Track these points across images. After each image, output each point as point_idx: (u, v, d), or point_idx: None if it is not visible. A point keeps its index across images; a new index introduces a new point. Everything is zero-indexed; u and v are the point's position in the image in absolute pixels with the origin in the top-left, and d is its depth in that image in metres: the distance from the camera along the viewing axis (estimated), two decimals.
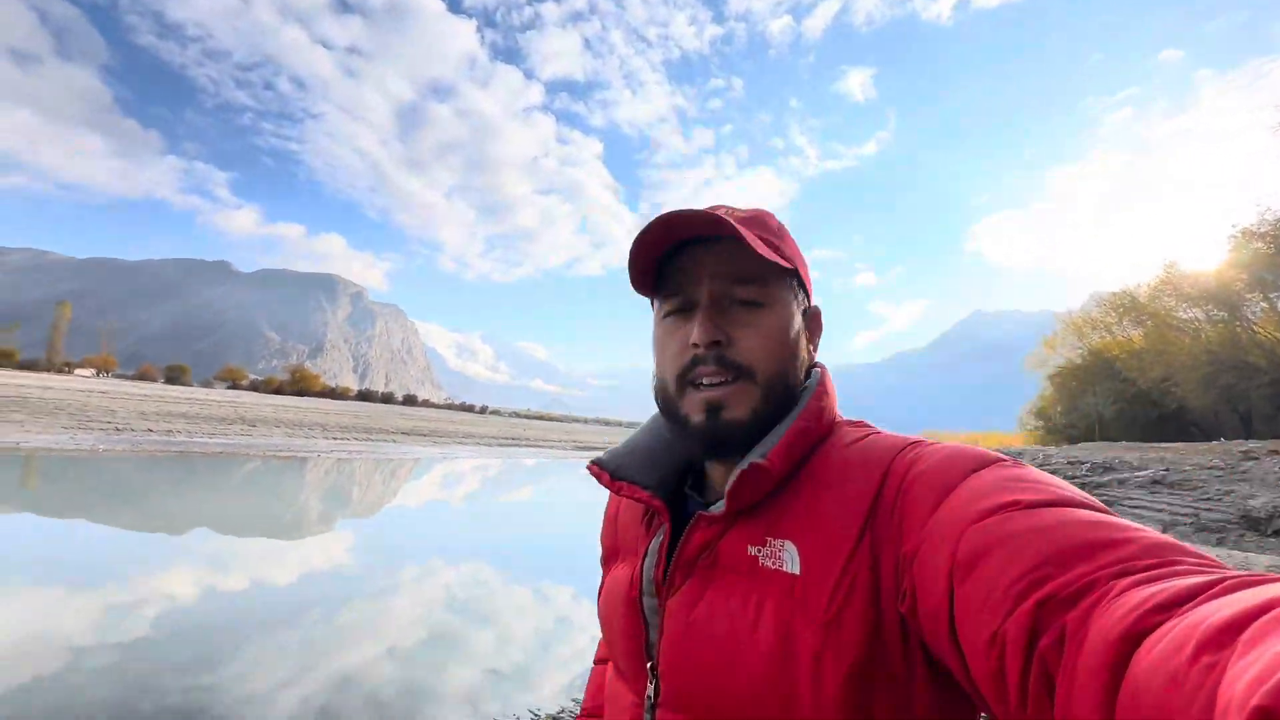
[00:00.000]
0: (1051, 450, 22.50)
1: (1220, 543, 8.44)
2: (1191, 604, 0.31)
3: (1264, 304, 28.09)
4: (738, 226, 0.57)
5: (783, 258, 0.61)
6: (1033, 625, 0.36)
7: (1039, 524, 0.40)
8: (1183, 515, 9.88)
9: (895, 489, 0.50)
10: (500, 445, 32.21)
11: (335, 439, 24.60)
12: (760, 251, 0.57)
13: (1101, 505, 0.42)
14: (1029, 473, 0.46)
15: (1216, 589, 0.31)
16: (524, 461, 25.13)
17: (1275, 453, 13.84)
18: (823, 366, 0.69)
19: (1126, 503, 11.83)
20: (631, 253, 0.62)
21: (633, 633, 0.62)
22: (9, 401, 21.50)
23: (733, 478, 0.56)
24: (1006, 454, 0.55)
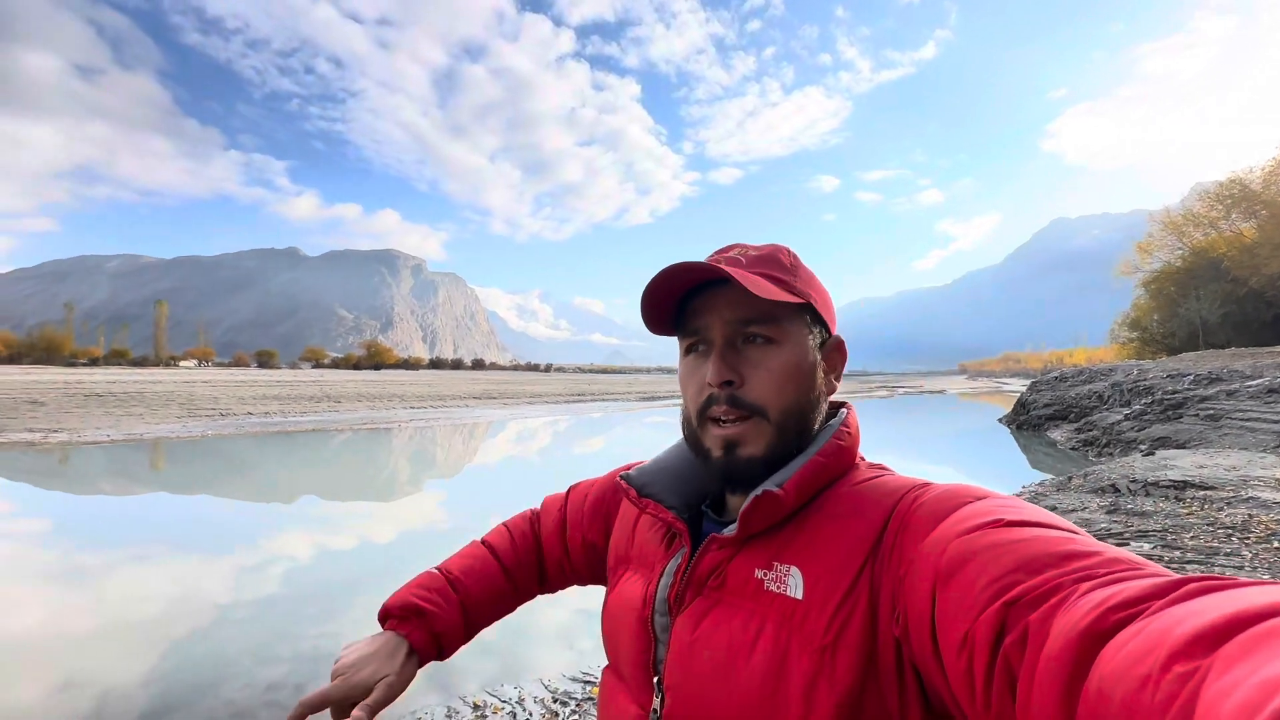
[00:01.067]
0: (1148, 364, 20.94)
1: None
2: (1155, 604, 0.32)
3: None
4: (744, 271, 0.61)
5: (794, 294, 0.63)
6: (999, 625, 0.38)
7: (1017, 537, 0.43)
8: None
9: (898, 524, 0.52)
10: (566, 401, 33.16)
11: (413, 408, 26.02)
12: (763, 294, 0.59)
13: (1077, 529, 0.44)
14: (1022, 503, 0.49)
15: (1179, 592, 0.32)
16: (591, 415, 25.84)
17: None
18: (850, 406, 0.70)
19: (1236, 415, 10.93)
20: (643, 302, 0.65)
21: (641, 647, 0.65)
22: (130, 396, 23.86)
23: (746, 503, 0.58)
24: (1097, 369, 0.55)
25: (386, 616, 0.78)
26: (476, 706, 3.30)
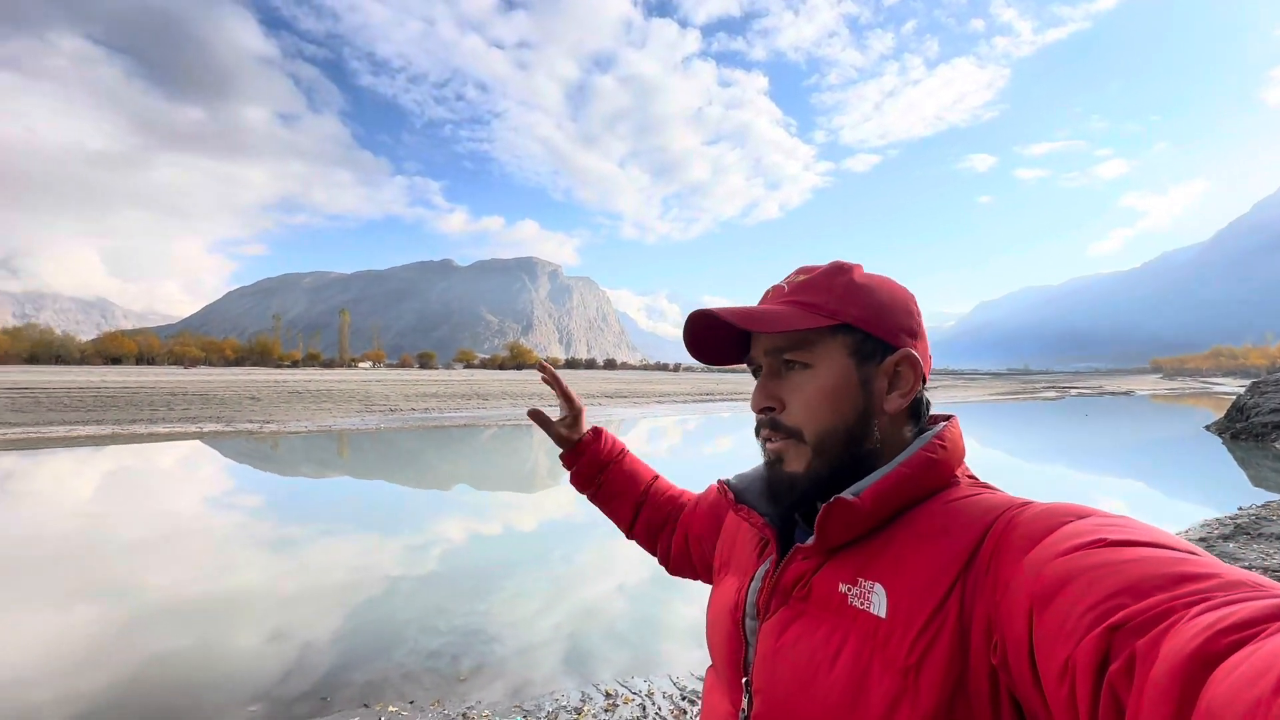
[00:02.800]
0: None
1: None
2: (1273, 626, 0.30)
3: None
4: (769, 305, 0.66)
5: (827, 316, 0.64)
6: (1104, 651, 0.36)
7: (1121, 558, 0.40)
8: None
9: (993, 545, 0.50)
10: (695, 401, 33.27)
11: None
12: (778, 328, 0.62)
13: (1195, 548, 0.41)
14: (1128, 519, 0.46)
15: None
16: (720, 414, 25.70)
17: None
18: (953, 419, 0.67)
19: None
20: (691, 353, 0.75)
21: (733, 648, 0.67)
22: (321, 394, 27.85)
23: (820, 511, 0.58)
24: None
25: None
26: (608, 695, 3.43)
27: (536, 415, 1.14)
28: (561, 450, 1.15)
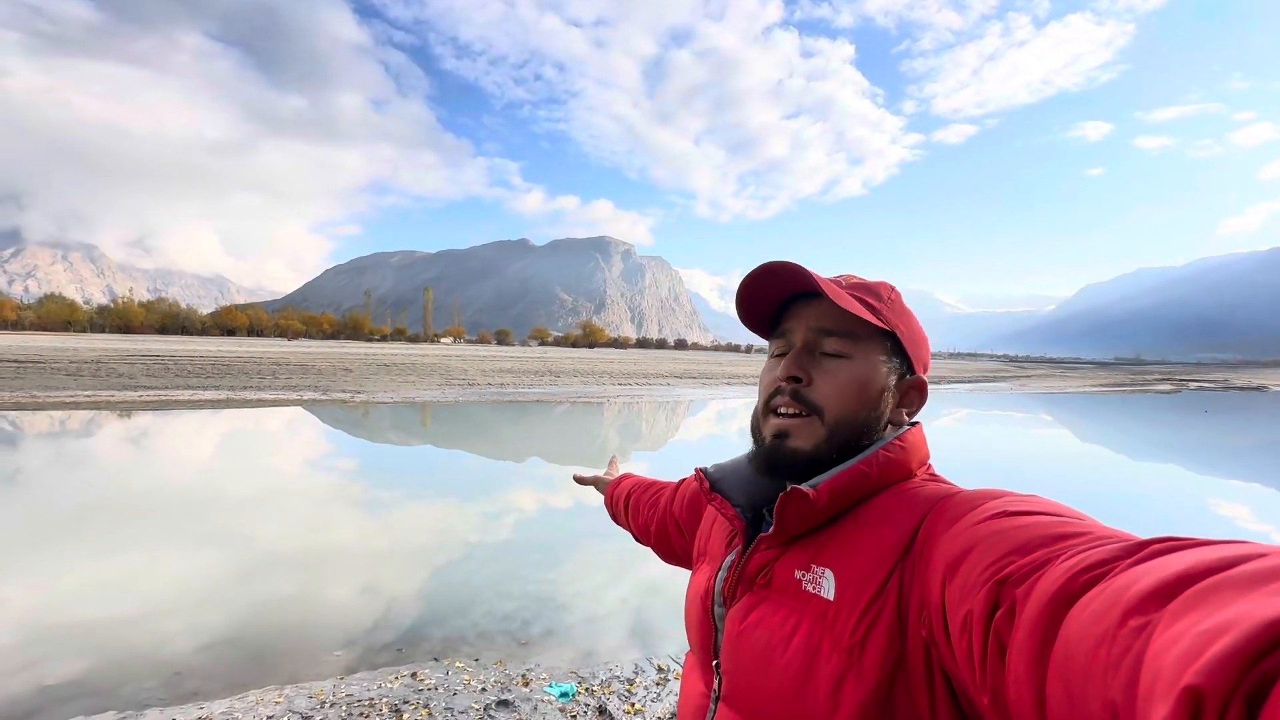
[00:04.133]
0: None
1: None
2: (1119, 565, 0.34)
3: None
4: (837, 289, 0.66)
5: (881, 320, 0.68)
6: (992, 601, 0.41)
7: (1015, 524, 0.46)
8: None
9: (927, 530, 0.55)
10: None
11: (621, 384, 27.98)
12: (847, 307, 0.64)
13: (1084, 515, 0.48)
14: (1035, 497, 0.52)
15: (1142, 553, 0.34)
16: None
17: None
18: (918, 426, 0.71)
19: None
20: (739, 300, 0.72)
21: (704, 633, 0.72)
22: (407, 367, 29.52)
23: (778, 500, 0.62)
24: None
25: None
26: (660, 669, 3.50)
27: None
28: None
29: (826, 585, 0.58)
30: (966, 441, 14.27)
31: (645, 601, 4.49)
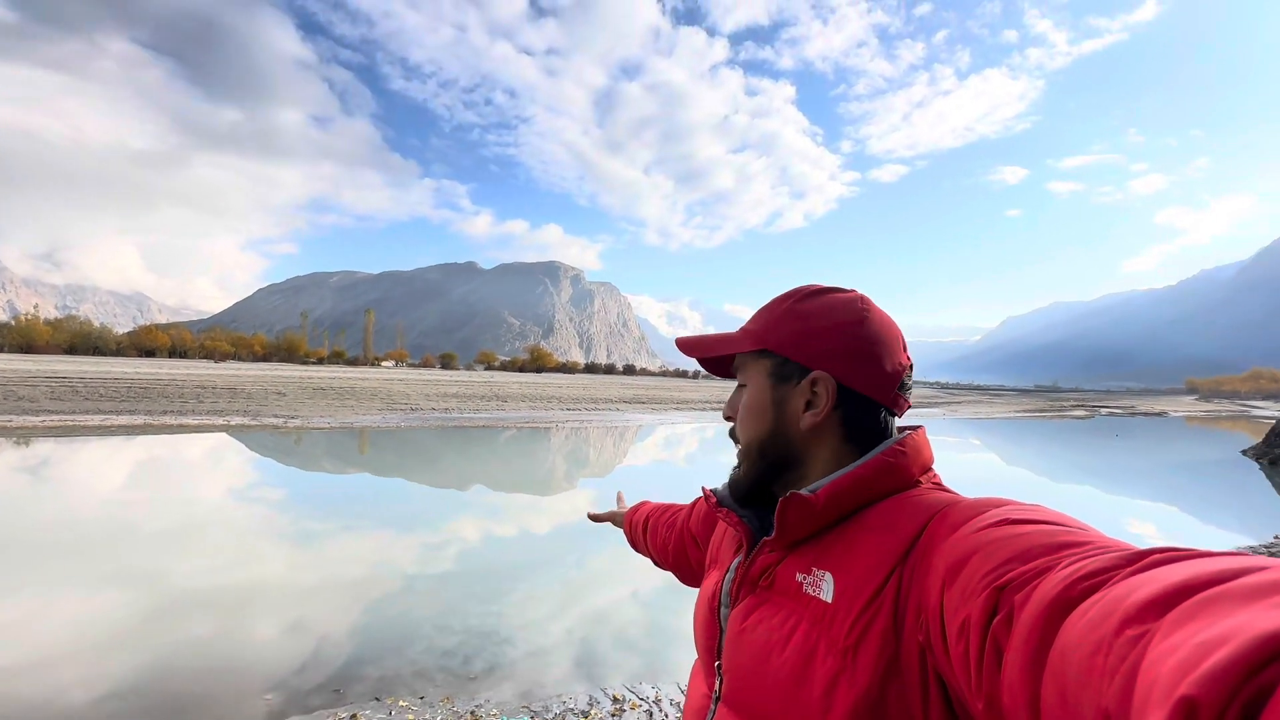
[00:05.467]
0: None
1: None
2: (1118, 574, 0.34)
3: None
4: (691, 345, 0.81)
5: (755, 341, 0.74)
6: (992, 607, 0.41)
7: (1016, 532, 0.46)
8: None
9: (929, 538, 0.55)
10: (713, 410, 33.10)
11: (569, 409, 27.71)
12: (706, 354, 0.78)
13: (1086, 525, 0.48)
14: (1039, 506, 0.52)
15: (1142, 562, 0.34)
16: None
17: None
18: (919, 430, 0.72)
19: None
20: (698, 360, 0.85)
21: (709, 634, 0.74)
22: (345, 391, 28.32)
23: (778, 504, 0.64)
24: None
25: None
26: (616, 700, 3.43)
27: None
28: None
29: (826, 587, 0.59)
30: None
31: (592, 632, 4.40)
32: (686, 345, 0.82)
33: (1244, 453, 18.14)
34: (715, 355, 0.76)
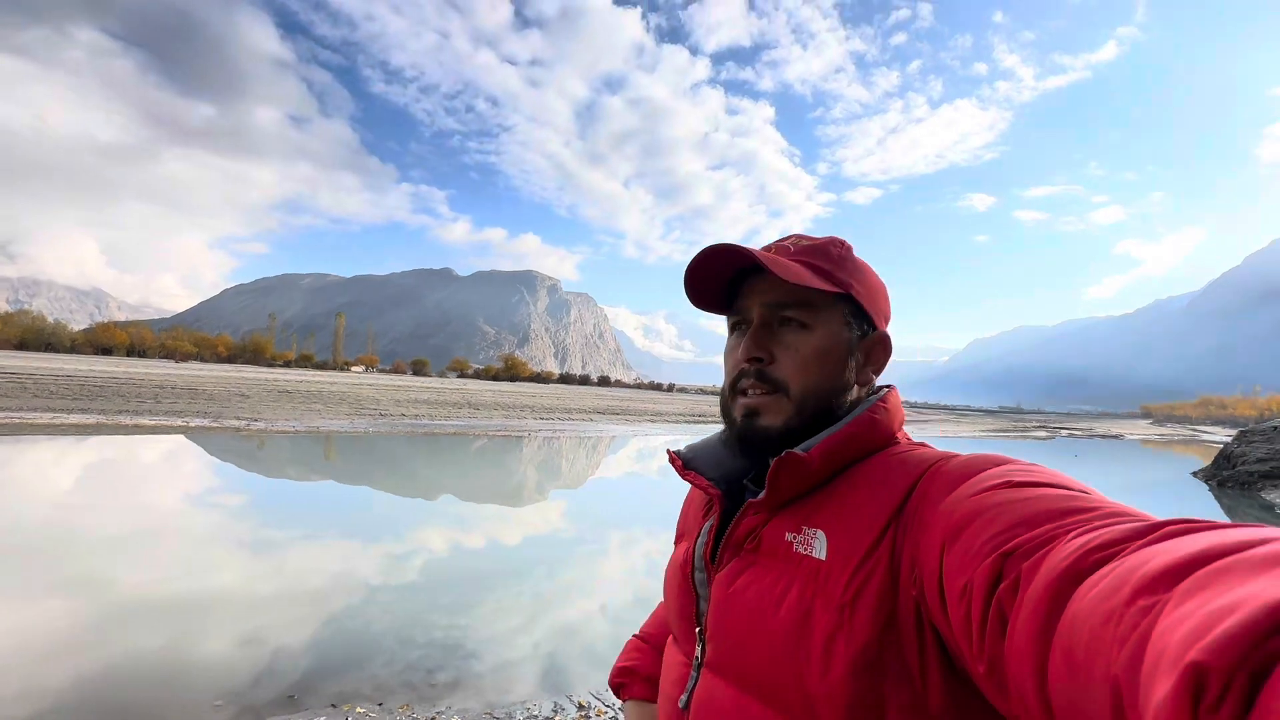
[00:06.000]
0: None
1: None
2: (1131, 546, 0.34)
3: None
4: (784, 260, 0.66)
5: (832, 283, 0.67)
6: (996, 573, 0.41)
7: (1020, 496, 0.45)
8: None
9: (921, 492, 0.55)
10: (687, 422, 33.19)
11: (543, 419, 27.49)
12: (795, 280, 0.63)
13: (1090, 489, 0.47)
14: (1038, 466, 0.52)
15: (1155, 534, 0.34)
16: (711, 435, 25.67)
17: None
18: (892, 388, 0.72)
19: None
20: (687, 281, 0.73)
21: (685, 601, 0.72)
22: (312, 395, 27.64)
23: (772, 465, 0.62)
24: None
25: (618, 688, 0.93)
26: (581, 706, 3.39)
27: None
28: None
29: (819, 546, 0.58)
30: None
31: (559, 646, 4.34)
32: (714, 253, 0.67)
33: (1194, 474, 18.83)
34: (797, 282, 0.63)
